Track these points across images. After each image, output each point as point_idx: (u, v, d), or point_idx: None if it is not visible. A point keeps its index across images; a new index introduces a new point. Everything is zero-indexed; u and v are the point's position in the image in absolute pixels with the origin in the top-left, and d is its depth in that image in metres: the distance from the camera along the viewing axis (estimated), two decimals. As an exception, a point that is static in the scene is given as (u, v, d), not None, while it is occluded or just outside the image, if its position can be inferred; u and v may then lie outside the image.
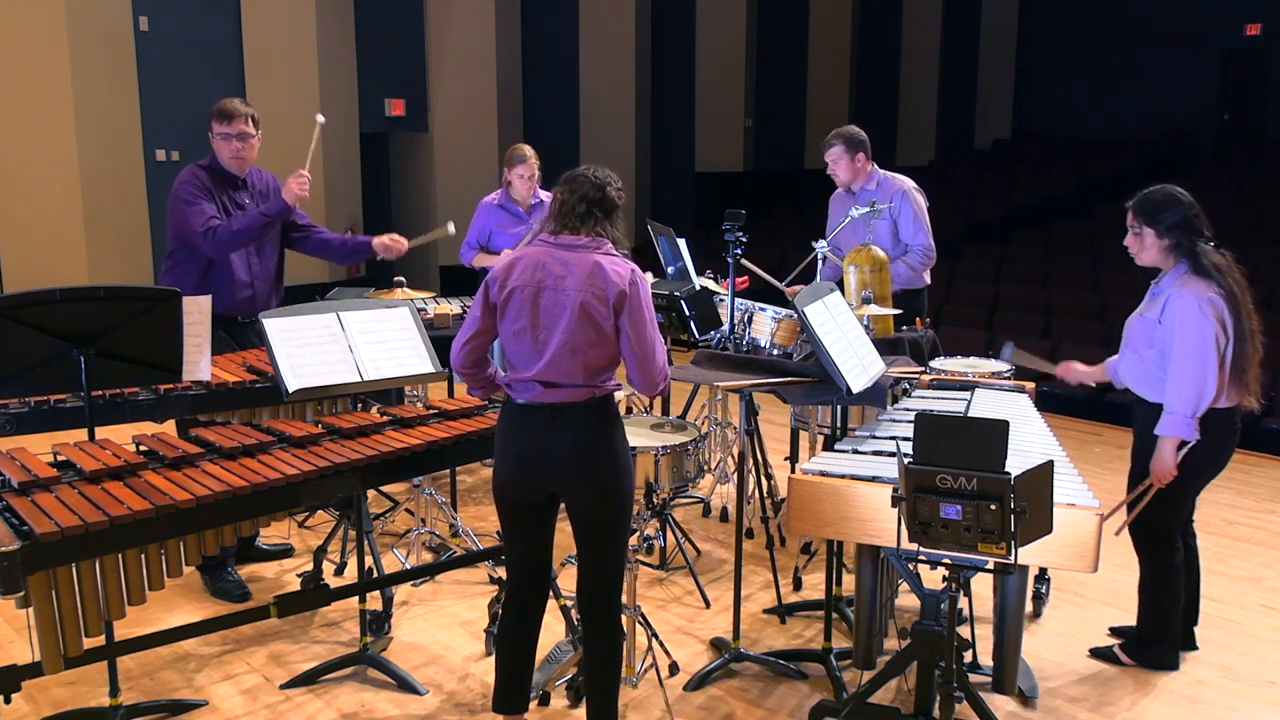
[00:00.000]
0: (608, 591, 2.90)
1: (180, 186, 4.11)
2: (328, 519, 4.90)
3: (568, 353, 2.69)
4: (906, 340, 4.32)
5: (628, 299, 2.69)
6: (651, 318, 2.74)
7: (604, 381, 2.77)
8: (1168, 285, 3.41)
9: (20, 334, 2.83)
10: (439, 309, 4.83)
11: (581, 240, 2.75)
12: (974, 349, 4.83)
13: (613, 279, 2.69)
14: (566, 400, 2.73)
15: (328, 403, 3.84)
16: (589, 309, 2.68)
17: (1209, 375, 3.28)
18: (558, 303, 2.70)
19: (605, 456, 2.78)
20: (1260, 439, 6.56)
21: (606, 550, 2.88)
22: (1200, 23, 14.20)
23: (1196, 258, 3.35)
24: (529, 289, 2.74)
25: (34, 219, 8.54)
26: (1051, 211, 11.76)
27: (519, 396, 2.78)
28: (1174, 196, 3.39)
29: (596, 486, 2.79)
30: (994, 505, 2.35)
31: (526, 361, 2.76)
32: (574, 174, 2.84)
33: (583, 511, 2.85)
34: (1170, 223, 3.36)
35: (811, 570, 4.42)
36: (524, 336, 2.75)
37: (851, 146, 4.79)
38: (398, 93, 11.09)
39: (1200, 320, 3.27)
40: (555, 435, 2.74)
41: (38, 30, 8.38)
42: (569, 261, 2.72)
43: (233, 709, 3.34)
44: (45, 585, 2.47)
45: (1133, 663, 3.64)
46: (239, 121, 4.13)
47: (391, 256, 4.45)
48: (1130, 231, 3.48)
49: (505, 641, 2.99)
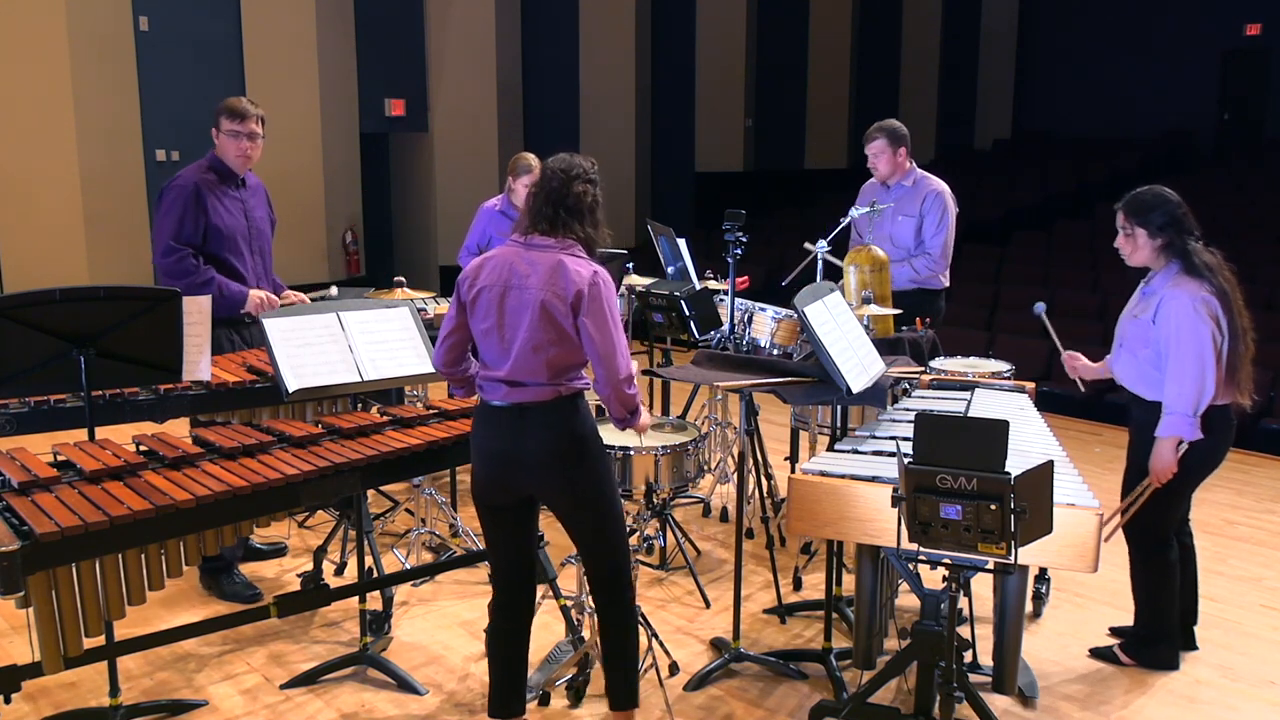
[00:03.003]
0: (613, 576, 2.90)
1: (175, 191, 4.04)
2: (328, 519, 4.90)
3: (530, 351, 2.70)
4: (906, 340, 4.32)
5: (585, 298, 2.67)
6: (615, 320, 2.72)
7: (570, 380, 2.76)
8: (1160, 285, 3.43)
9: (20, 334, 2.83)
10: (439, 309, 4.83)
11: (549, 241, 2.75)
12: (974, 349, 4.83)
13: (572, 278, 2.68)
14: (533, 400, 2.73)
15: (328, 403, 3.84)
16: (549, 308, 2.68)
17: (1208, 374, 3.29)
18: (521, 302, 2.71)
19: (574, 456, 2.78)
20: (1260, 439, 6.56)
21: (600, 543, 2.89)
22: (1200, 23, 14.20)
23: (1188, 256, 3.36)
24: (496, 289, 2.75)
25: (34, 219, 8.54)
26: (1051, 211, 11.76)
27: (489, 397, 2.79)
28: (1163, 196, 3.40)
29: (571, 487, 2.79)
30: (994, 505, 2.35)
31: (495, 361, 2.77)
32: (544, 167, 2.83)
33: (565, 512, 2.86)
34: (1161, 222, 3.38)
35: (811, 570, 4.42)
36: (491, 336, 2.76)
37: (895, 141, 4.79)
38: (398, 93, 11.09)
39: (1196, 320, 3.29)
40: (524, 436, 2.74)
41: (38, 30, 8.38)
42: (534, 261, 2.73)
43: (233, 709, 3.34)
44: (45, 585, 2.47)
45: (1132, 662, 3.65)
46: (250, 121, 4.11)
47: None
48: (1121, 233, 3.49)
49: (496, 647, 2.99)
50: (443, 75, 11.38)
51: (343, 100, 10.54)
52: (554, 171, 2.78)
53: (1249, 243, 9.77)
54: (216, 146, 4.17)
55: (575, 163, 2.80)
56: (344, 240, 10.80)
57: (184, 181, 4.07)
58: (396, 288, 4.95)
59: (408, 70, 11.21)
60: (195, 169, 4.14)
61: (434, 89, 11.40)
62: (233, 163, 4.15)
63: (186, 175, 4.11)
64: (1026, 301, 8.92)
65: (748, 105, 14.31)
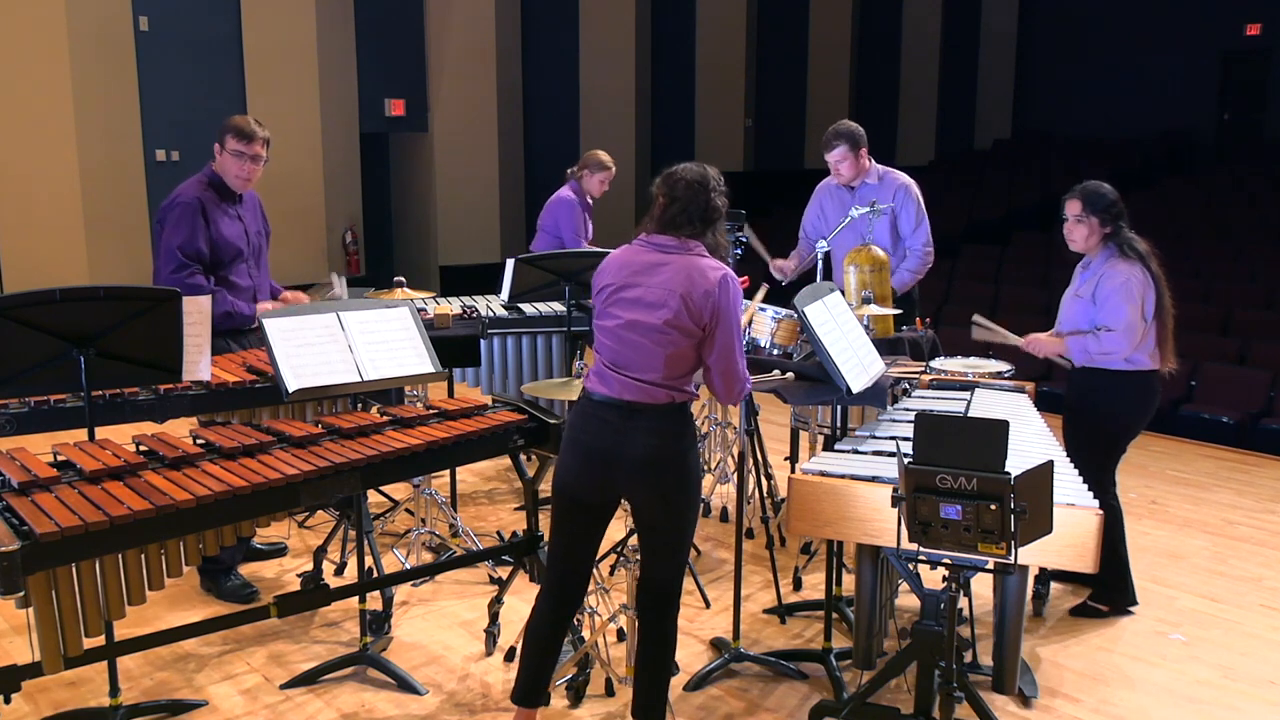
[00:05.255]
0: (669, 586, 2.89)
1: (180, 208, 3.98)
2: (328, 519, 4.90)
3: (651, 346, 2.71)
4: (906, 340, 4.32)
5: (715, 301, 2.69)
6: (738, 323, 2.74)
7: (684, 385, 2.77)
8: (1098, 266, 3.88)
9: (20, 334, 2.83)
10: (439, 309, 4.83)
11: (674, 242, 2.76)
12: (974, 349, 4.83)
13: (700, 281, 2.69)
14: (645, 401, 2.73)
15: (328, 403, 3.84)
16: (675, 309, 2.69)
17: (1130, 333, 3.75)
18: (643, 298, 2.72)
19: (677, 464, 2.77)
20: (1260, 439, 6.56)
21: (669, 553, 2.87)
22: (1200, 23, 14.20)
23: (1129, 242, 3.84)
24: (619, 285, 2.77)
25: (34, 219, 8.54)
26: (1051, 211, 11.73)
27: (601, 389, 2.78)
28: (1110, 190, 3.87)
29: (664, 495, 2.78)
30: (994, 505, 2.35)
31: (613, 356, 2.77)
32: (674, 175, 2.83)
33: (649, 518, 2.84)
34: (1113, 213, 3.84)
35: (811, 570, 4.42)
36: (614, 331, 2.76)
37: (855, 144, 4.75)
38: (398, 93, 11.09)
39: (1131, 290, 3.75)
40: (630, 436, 2.74)
41: (38, 30, 8.38)
42: (661, 261, 2.74)
43: (233, 709, 3.34)
44: (45, 585, 2.47)
45: (1107, 608, 4.01)
46: (256, 144, 4.05)
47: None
48: (1073, 219, 3.88)
49: (536, 636, 2.97)
50: (443, 75, 11.38)
51: (343, 100, 10.53)
52: (689, 182, 2.79)
53: (1249, 242, 9.79)
54: (216, 162, 4.09)
55: (709, 174, 2.84)
56: (344, 240, 10.81)
57: (187, 198, 4.01)
58: (396, 288, 4.94)
59: (408, 70, 11.21)
60: (195, 185, 4.06)
61: (434, 89, 11.40)
62: (232, 182, 4.08)
63: (188, 191, 4.04)
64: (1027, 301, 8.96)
65: (748, 105, 14.32)
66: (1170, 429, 6.74)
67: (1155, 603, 4.16)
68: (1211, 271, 9.25)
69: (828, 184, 5.00)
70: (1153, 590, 4.26)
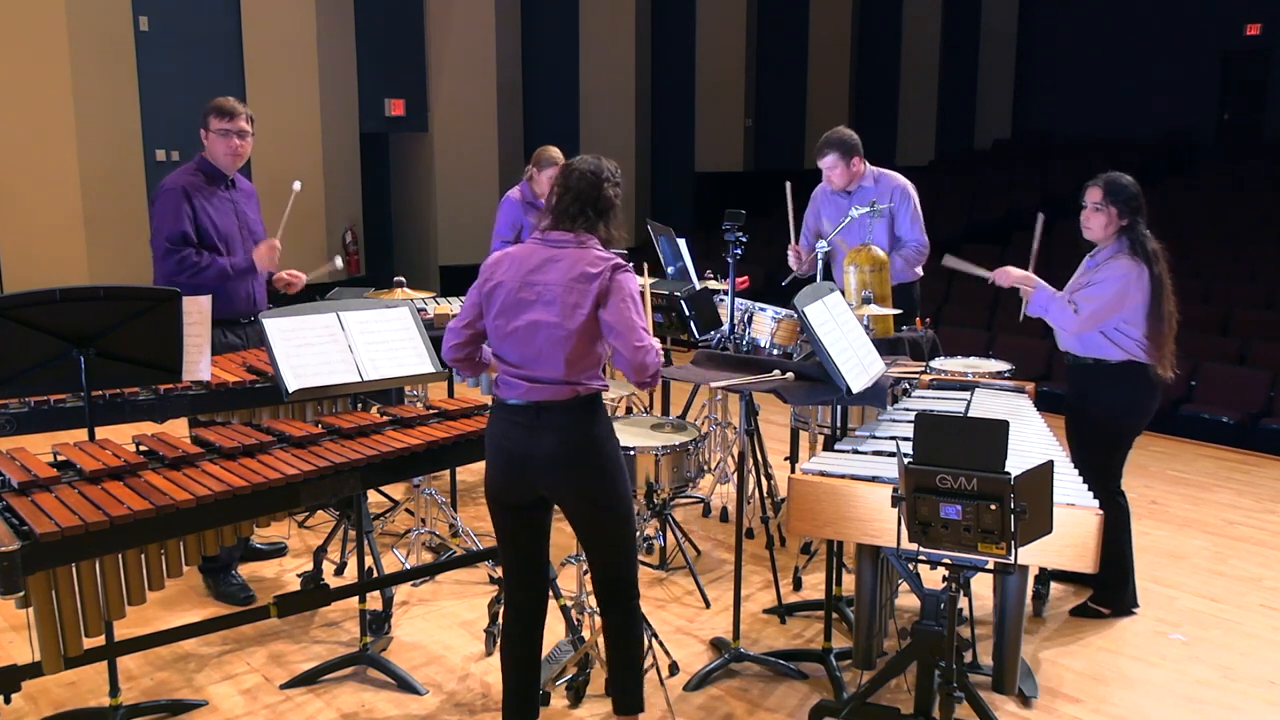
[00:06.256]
0: (618, 572, 2.89)
1: (166, 194, 4.05)
2: (328, 519, 4.90)
3: (549, 345, 2.70)
4: (906, 340, 4.32)
5: (605, 289, 2.68)
6: (636, 306, 2.71)
7: (588, 379, 2.76)
8: (1104, 256, 3.84)
9: (20, 334, 2.83)
10: (439, 309, 4.83)
11: (568, 237, 2.75)
12: (974, 349, 4.84)
13: (590, 271, 2.69)
14: (551, 399, 2.72)
15: (328, 403, 3.84)
16: (568, 303, 2.68)
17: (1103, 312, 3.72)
18: (540, 297, 2.71)
19: (591, 457, 2.77)
20: (1260, 439, 6.56)
21: (609, 548, 2.87)
22: (1200, 23, 14.20)
23: (1141, 240, 3.77)
24: (515, 284, 2.74)
25: (34, 219, 8.53)
26: (1052, 211, 11.75)
27: (507, 394, 2.78)
28: (1131, 181, 3.81)
29: (586, 490, 2.78)
30: (994, 505, 2.35)
31: (513, 356, 2.76)
32: (570, 166, 2.84)
33: (575, 512, 2.85)
34: (1133, 206, 3.78)
35: (811, 570, 4.42)
36: (510, 332, 2.75)
37: (846, 152, 4.73)
38: (398, 93, 11.09)
39: (1124, 284, 3.71)
40: (540, 436, 2.73)
41: (38, 30, 8.37)
42: (555, 257, 2.73)
43: (233, 709, 3.34)
44: (45, 585, 2.47)
45: (1109, 611, 3.96)
46: (240, 119, 4.13)
47: (292, 291, 4.45)
48: (1092, 206, 3.82)
49: (510, 651, 2.96)
50: (443, 75, 11.38)
51: (343, 100, 10.53)
52: (583, 173, 2.78)
53: (1249, 242, 9.79)
54: (205, 148, 4.17)
55: (604, 165, 2.82)
56: (344, 240, 10.80)
57: (171, 184, 4.09)
58: (396, 288, 4.94)
59: (408, 70, 11.21)
60: (182, 172, 4.15)
61: (434, 89, 11.40)
62: (222, 162, 4.15)
63: (173, 178, 4.12)
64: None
65: (748, 105, 14.31)
66: (1170, 429, 6.74)
67: (1155, 603, 4.16)
68: (1211, 271, 9.25)
69: (824, 188, 5.00)
70: (1153, 590, 4.26)
